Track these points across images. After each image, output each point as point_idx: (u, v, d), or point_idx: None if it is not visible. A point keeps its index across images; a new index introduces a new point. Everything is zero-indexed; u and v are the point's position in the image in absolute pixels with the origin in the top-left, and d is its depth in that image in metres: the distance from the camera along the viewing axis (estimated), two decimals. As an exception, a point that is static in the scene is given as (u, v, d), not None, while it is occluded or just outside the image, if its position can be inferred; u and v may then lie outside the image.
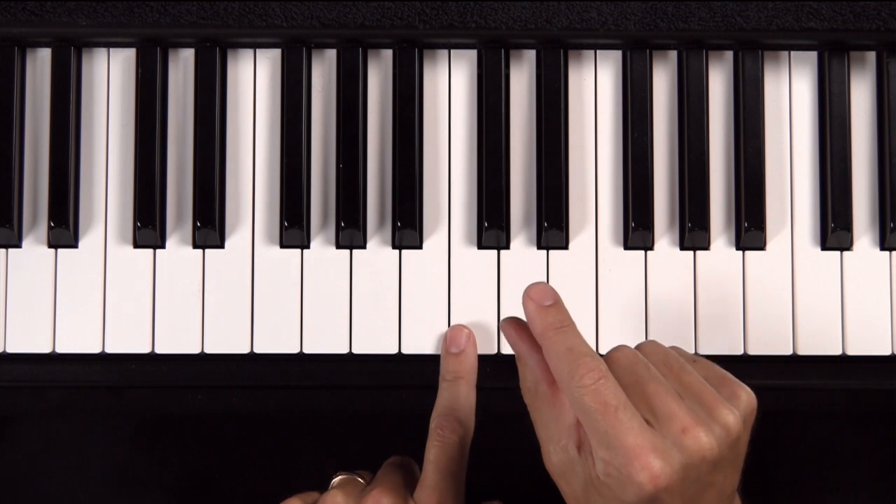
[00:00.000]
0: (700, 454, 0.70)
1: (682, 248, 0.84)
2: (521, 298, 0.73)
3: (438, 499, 0.77)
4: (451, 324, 0.83)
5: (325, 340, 0.83)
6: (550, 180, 0.83)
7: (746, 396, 0.72)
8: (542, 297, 0.73)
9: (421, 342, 0.83)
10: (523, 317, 0.78)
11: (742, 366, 0.83)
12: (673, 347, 0.75)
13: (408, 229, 0.83)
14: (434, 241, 0.84)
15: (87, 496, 0.89)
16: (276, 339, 0.83)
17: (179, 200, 0.84)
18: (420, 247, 0.84)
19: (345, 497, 0.78)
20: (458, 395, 0.80)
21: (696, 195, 0.84)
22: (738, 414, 0.71)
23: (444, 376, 0.81)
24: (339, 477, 0.81)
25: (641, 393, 0.71)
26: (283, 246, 0.84)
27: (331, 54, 0.85)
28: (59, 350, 0.83)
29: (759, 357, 0.84)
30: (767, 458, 0.88)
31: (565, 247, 0.84)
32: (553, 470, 0.73)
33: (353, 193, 0.83)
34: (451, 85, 0.85)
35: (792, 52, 0.86)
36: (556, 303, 0.73)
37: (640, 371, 0.71)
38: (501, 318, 0.83)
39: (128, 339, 0.83)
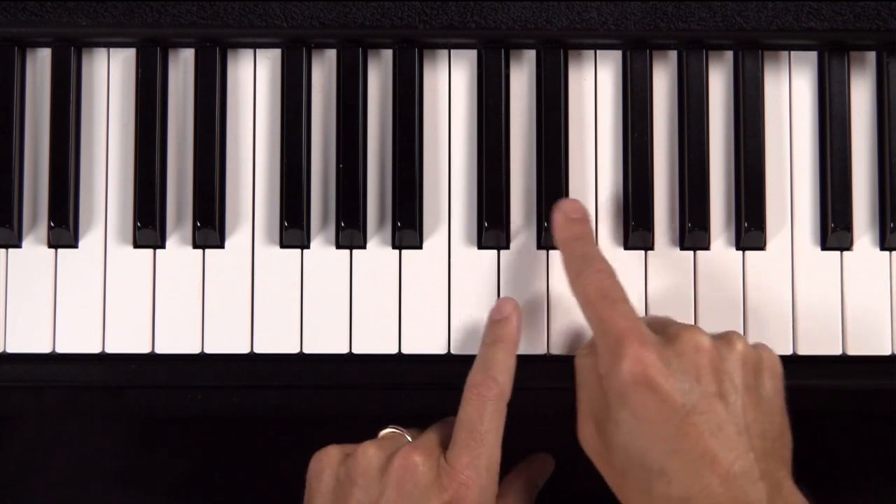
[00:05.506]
0: (693, 342, 0.73)
1: (682, 248, 0.84)
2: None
3: (470, 458, 0.75)
4: (452, 324, 0.83)
5: (325, 340, 0.83)
6: (550, 180, 0.83)
7: (767, 350, 0.77)
8: (571, 211, 0.80)
9: (421, 342, 0.83)
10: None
11: (742, 366, 0.83)
12: None
13: (408, 229, 0.83)
14: (434, 241, 0.84)
15: (87, 496, 0.89)
16: (276, 339, 0.83)
17: (179, 200, 0.84)
18: (420, 247, 0.84)
19: (378, 449, 0.76)
20: (495, 356, 0.78)
21: (696, 195, 0.84)
22: (747, 341, 0.75)
23: (485, 340, 0.80)
24: (386, 430, 0.80)
25: (659, 325, 0.76)
26: (283, 246, 0.84)
27: (331, 54, 0.85)
28: (59, 350, 0.83)
29: (759, 357, 0.84)
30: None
31: (565, 247, 0.84)
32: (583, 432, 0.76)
33: (353, 193, 0.83)
34: (451, 85, 0.85)
35: (792, 52, 0.86)
36: (583, 218, 0.80)
37: (665, 319, 0.78)
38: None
39: (128, 339, 0.83)
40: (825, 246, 0.84)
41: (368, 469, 0.75)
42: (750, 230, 0.83)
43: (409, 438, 0.79)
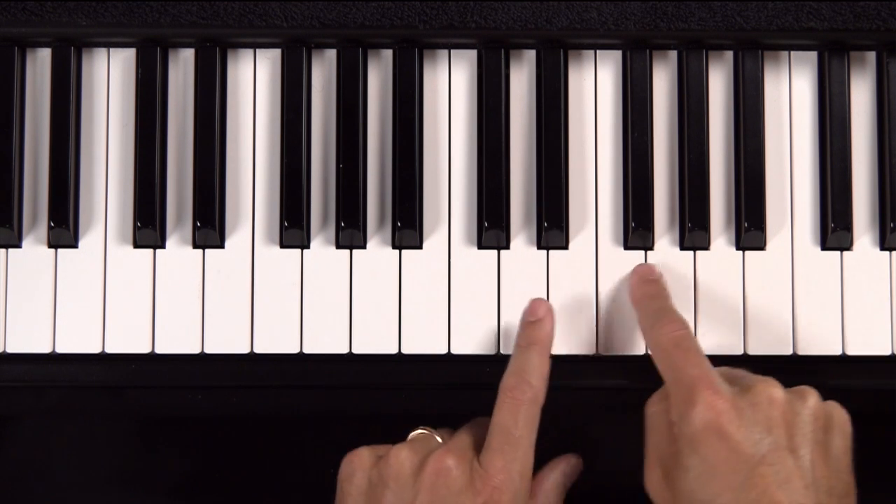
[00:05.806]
0: (766, 394, 0.73)
1: (682, 248, 0.84)
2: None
3: (504, 462, 0.75)
4: (452, 323, 0.83)
5: (325, 340, 0.83)
6: (550, 180, 0.83)
7: (838, 408, 0.77)
8: (646, 273, 0.82)
9: (421, 342, 0.83)
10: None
11: (742, 366, 0.83)
12: None
13: (408, 229, 0.83)
14: (434, 241, 0.84)
15: (88, 496, 0.89)
16: (276, 339, 0.83)
17: (179, 200, 0.84)
18: (420, 247, 0.84)
19: (410, 452, 0.76)
20: (529, 359, 0.78)
21: (696, 195, 0.84)
22: (819, 396, 0.75)
23: (518, 342, 0.80)
24: (417, 432, 0.80)
25: (733, 376, 0.76)
26: (283, 246, 0.84)
27: (331, 54, 0.85)
28: (59, 350, 0.83)
29: (758, 357, 0.83)
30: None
31: (565, 247, 0.84)
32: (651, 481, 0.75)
33: (353, 193, 0.83)
34: (451, 85, 0.85)
35: (792, 52, 0.86)
36: (656, 279, 0.82)
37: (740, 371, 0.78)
38: (502, 318, 0.83)
39: (128, 339, 0.83)
40: (825, 246, 0.84)
41: (401, 472, 0.76)
42: (750, 230, 0.83)
43: (440, 440, 0.79)
